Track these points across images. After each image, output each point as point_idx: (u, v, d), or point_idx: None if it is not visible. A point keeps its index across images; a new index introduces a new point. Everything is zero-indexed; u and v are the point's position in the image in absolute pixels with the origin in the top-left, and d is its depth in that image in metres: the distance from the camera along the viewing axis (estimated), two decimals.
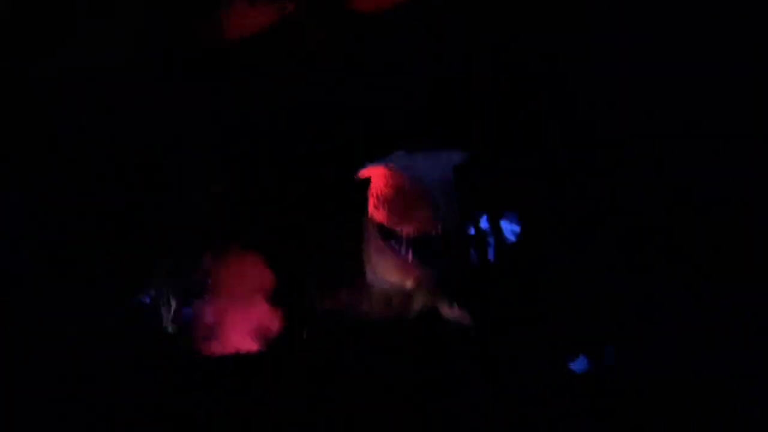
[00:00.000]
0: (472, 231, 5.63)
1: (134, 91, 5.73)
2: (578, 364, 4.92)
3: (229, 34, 5.95)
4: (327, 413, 4.57)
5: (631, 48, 5.86)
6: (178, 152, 5.73)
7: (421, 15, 6.06)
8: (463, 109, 5.96)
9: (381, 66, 5.96)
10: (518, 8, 5.99)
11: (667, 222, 5.61)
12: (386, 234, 4.98)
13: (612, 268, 5.50)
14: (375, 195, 5.04)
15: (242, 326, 5.27)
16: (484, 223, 5.73)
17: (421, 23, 6.06)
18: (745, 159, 5.56)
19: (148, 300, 5.32)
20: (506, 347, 5.05)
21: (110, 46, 5.73)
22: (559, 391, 4.84)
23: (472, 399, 4.55)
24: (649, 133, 5.81)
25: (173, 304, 5.28)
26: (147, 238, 5.56)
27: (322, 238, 5.54)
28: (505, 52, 5.98)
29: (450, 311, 5.07)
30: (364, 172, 5.07)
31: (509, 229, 5.86)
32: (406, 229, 4.93)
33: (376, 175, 5.03)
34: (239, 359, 4.93)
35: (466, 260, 5.12)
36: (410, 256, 4.92)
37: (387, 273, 5.01)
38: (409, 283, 5.04)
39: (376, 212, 5.01)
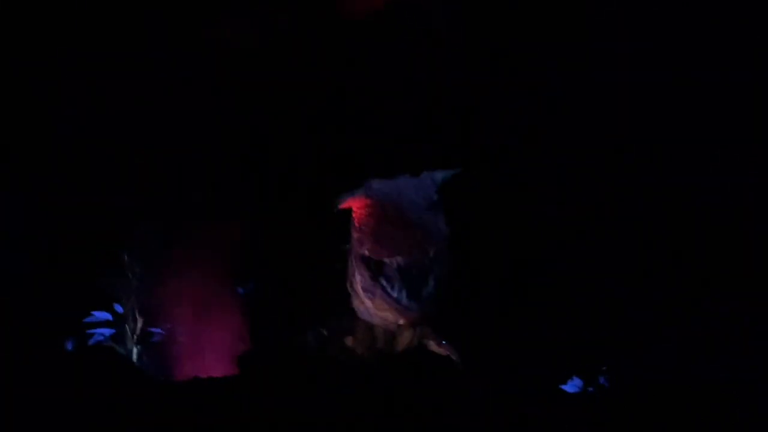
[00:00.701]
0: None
1: (134, 91, 5.72)
2: (571, 386, 4.87)
3: (228, 40, 5.97)
4: None
5: (629, 54, 5.88)
6: (177, 152, 5.72)
7: (419, 21, 6.07)
8: (461, 114, 5.97)
9: (376, 73, 5.97)
10: (517, 15, 6.00)
11: (665, 227, 5.63)
12: (375, 269, 4.80)
13: (610, 274, 5.50)
14: (359, 227, 4.87)
15: (213, 350, 5.18)
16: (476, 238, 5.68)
17: (418, 30, 6.07)
18: (744, 165, 5.57)
19: (110, 318, 5.19)
20: (509, 353, 5.04)
21: None
22: (558, 397, 4.83)
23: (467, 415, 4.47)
24: (647, 139, 5.83)
25: (138, 322, 5.13)
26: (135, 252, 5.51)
27: (307, 268, 5.41)
28: (504, 58, 5.98)
29: (438, 347, 4.97)
30: (344, 204, 4.87)
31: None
32: (396, 260, 4.76)
33: (357, 206, 4.86)
34: (209, 384, 4.71)
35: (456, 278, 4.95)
36: (405, 298, 4.77)
37: (378, 310, 4.88)
38: (401, 321, 4.91)
39: (361, 245, 4.84)
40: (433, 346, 4.99)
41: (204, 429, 4.22)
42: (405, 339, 4.99)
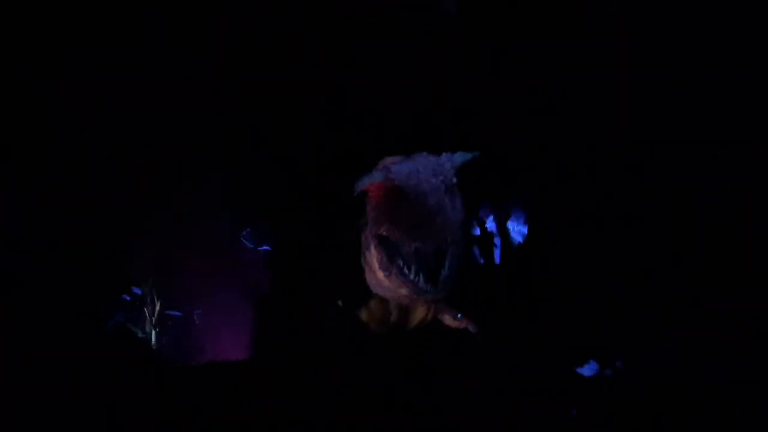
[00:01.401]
0: (478, 232, 5.57)
1: (134, 91, 5.73)
2: (587, 369, 4.87)
3: (228, 37, 5.98)
4: (323, 421, 4.37)
5: (629, 54, 5.88)
6: (178, 152, 5.73)
7: (420, 20, 6.08)
8: (463, 116, 5.98)
9: (375, 73, 5.98)
10: (517, 15, 6.01)
11: (665, 227, 5.64)
12: (391, 251, 4.56)
13: (612, 273, 5.51)
14: (376, 209, 4.63)
15: (233, 333, 5.20)
16: (490, 225, 5.68)
17: (420, 29, 6.08)
18: (744, 165, 5.58)
19: (128, 299, 5.20)
20: (509, 352, 5.03)
21: None
22: (561, 395, 4.83)
23: (475, 405, 4.47)
24: (648, 139, 5.83)
25: (157, 306, 5.14)
26: (145, 238, 5.54)
27: (321, 246, 5.40)
28: (504, 58, 5.99)
29: (454, 321, 4.91)
30: (362, 186, 4.61)
31: (516, 230, 5.83)
32: (413, 245, 4.49)
33: (375, 188, 4.60)
34: (229, 367, 4.70)
35: (471, 264, 4.91)
36: (421, 281, 4.48)
37: (394, 286, 4.62)
38: (417, 298, 4.81)
39: (378, 225, 4.58)
40: (448, 320, 4.91)
41: (223, 411, 4.22)
42: (420, 313, 4.90)
